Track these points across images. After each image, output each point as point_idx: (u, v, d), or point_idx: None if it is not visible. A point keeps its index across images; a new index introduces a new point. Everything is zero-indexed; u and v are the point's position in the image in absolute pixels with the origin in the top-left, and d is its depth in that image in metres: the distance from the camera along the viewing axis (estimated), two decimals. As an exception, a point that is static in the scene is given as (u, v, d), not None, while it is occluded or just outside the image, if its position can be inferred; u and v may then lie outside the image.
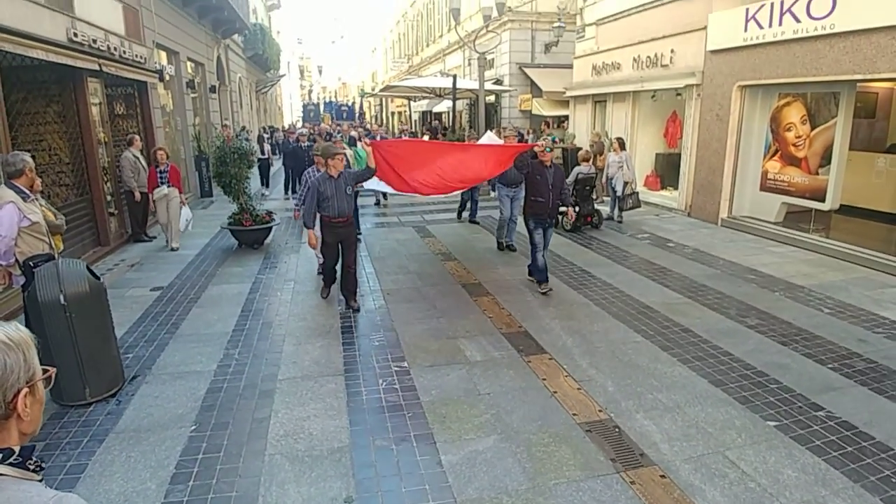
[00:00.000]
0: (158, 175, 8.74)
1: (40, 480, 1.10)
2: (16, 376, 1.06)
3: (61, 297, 3.93)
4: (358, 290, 6.46)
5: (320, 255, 6.68)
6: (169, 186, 8.73)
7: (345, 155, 7.11)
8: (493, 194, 10.90)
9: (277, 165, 20.20)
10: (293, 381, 4.60)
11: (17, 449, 1.07)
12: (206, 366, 4.86)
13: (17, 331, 1.11)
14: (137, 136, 9.43)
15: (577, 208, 9.65)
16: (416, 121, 30.96)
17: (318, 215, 6.10)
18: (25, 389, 1.08)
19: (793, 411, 4.01)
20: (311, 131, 18.06)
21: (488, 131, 10.52)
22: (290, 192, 14.78)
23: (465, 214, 11.29)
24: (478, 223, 10.79)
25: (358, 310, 6.16)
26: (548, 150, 6.71)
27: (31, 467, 1.09)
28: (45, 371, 1.15)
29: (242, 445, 3.70)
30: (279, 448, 3.67)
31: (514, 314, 6.01)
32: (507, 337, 5.42)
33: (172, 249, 8.87)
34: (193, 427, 3.91)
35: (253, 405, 4.21)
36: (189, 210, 9.18)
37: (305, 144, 13.31)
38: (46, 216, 4.71)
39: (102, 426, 3.93)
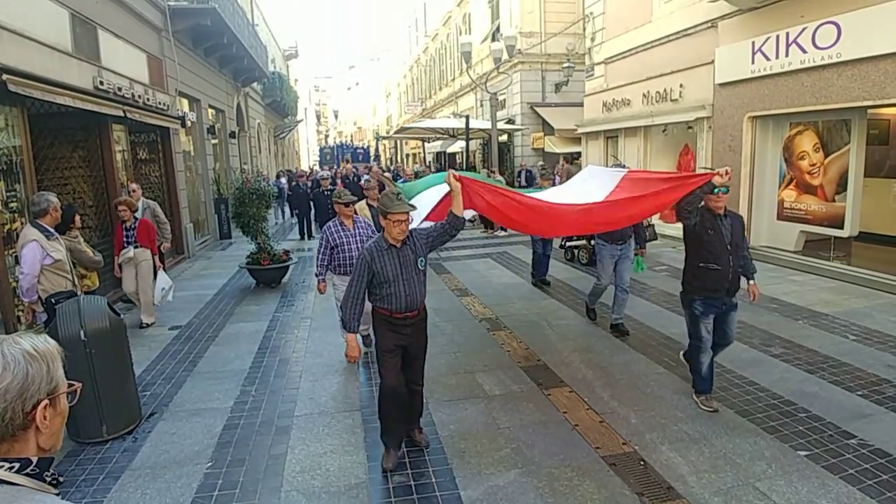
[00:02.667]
0: (124, 233, 6.90)
1: (57, 494, 1.10)
2: (36, 387, 1.07)
3: (82, 333, 3.98)
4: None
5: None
6: (137, 247, 6.85)
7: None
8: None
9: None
10: (310, 417, 4.56)
11: (34, 460, 1.06)
12: (222, 403, 4.84)
13: (44, 343, 1.12)
14: (134, 186, 7.81)
15: (592, 241, 9.49)
16: (430, 162, 31.39)
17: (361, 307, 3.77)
18: (46, 401, 1.09)
19: (824, 440, 3.87)
20: (335, 174, 16.38)
21: (589, 165, 7.75)
22: (304, 237, 14.85)
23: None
24: (548, 284, 8.68)
25: (427, 445, 4.02)
26: (720, 190, 4.21)
27: (48, 479, 1.08)
28: (70, 385, 1.16)
29: (258, 482, 3.64)
30: (295, 484, 3.61)
31: (532, 347, 5.94)
32: (525, 370, 5.34)
33: (142, 326, 6.94)
34: (209, 464, 3.87)
35: (269, 441, 4.17)
36: (167, 276, 7.28)
37: (328, 189, 11.94)
38: (85, 253, 4.82)
39: (118, 463, 3.91)
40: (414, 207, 3.81)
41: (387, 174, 14.88)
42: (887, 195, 9.14)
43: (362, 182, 11.14)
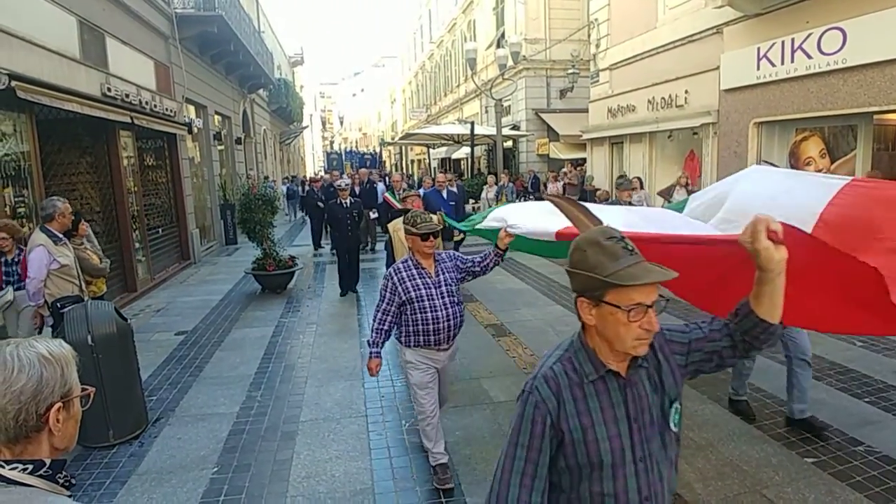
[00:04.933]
0: (3, 269, 5.03)
1: (69, 496, 1.11)
2: (50, 389, 1.09)
3: (89, 338, 4.00)
4: None
5: None
6: (19, 288, 4.89)
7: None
8: None
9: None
10: (315, 422, 4.56)
11: (47, 462, 1.08)
12: (228, 408, 4.85)
13: (59, 347, 1.14)
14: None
15: None
16: (434, 167, 31.48)
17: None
18: (59, 404, 1.10)
19: (831, 447, 3.85)
20: (363, 181, 13.11)
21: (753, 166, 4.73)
22: (319, 246, 13.57)
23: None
24: None
25: None
26: None
27: (61, 481, 1.09)
28: (83, 389, 1.18)
29: (264, 487, 3.65)
30: (301, 490, 3.61)
31: (537, 354, 5.93)
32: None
33: None
34: (215, 469, 3.88)
35: (275, 447, 4.17)
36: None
37: (347, 202, 8.83)
38: (91, 259, 4.85)
39: (125, 468, 3.92)
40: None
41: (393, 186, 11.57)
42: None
43: (385, 194, 9.53)
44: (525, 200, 16.64)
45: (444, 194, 8.92)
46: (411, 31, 40.52)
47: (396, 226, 5.39)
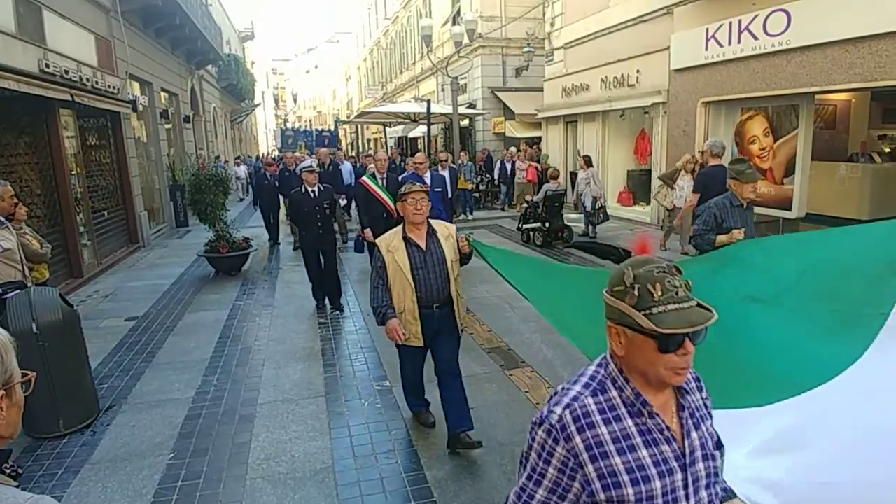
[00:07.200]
0: None
1: (17, 486, 1.09)
2: None
3: (34, 326, 3.86)
4: None
5: None
6: None
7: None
8: None
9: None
10: (273, 404, 4.54)
11: None
12: (183, 393, 4.78)
13: None
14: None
15: (547, 224, 9.96)
16: (391, 146, 31.17)
17: None
18: (2, 392, 1.08)
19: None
20: (324, 163, 10.74)
21: None
22: (274, 242, 11.55)
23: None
24: None
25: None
26: None
27: (7, 471, 1.08)
28: (24, 375, 1.15)
29: (223, 470, 3.63)
30: (260, 472, 3.62)
31: (494, 330, 6.03)
32: (488, 352, 5.43)
33: None
34: (171, 454, 3.83)
35: (233, 430, 4.15)
36: None
37: (316, 190, 6.61)
38: (32, 244, 4.67)
39: (77, 457, 3.84)
40: None
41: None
42: (833, 178, 9.55)
43: (365, 178, 6.87)
44: (482, 180, 16.69)
45: (428, 179, 7.04)
46: (366, 5, 39.66)
47: (391, 244, 3.52)
